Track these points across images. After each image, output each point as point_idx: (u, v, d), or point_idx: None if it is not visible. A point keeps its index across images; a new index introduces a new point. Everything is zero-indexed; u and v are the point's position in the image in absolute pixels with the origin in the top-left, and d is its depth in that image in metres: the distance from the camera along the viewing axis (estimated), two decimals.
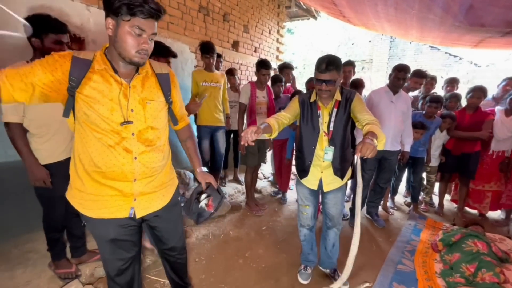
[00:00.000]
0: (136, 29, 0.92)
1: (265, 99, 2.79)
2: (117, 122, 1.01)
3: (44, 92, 0.93)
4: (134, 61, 0.97)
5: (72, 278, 1.74)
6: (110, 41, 0.97)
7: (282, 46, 5.80)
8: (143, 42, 0.95)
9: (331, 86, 1.53)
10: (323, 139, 1.67)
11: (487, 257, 1.97)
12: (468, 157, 2.92)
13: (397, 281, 1.96)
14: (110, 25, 0.93)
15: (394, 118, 2.53)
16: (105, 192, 1.04)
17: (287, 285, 1.90)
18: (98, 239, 1.13)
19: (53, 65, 0.92)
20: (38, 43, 1.45)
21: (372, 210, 2.89)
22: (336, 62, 1.50)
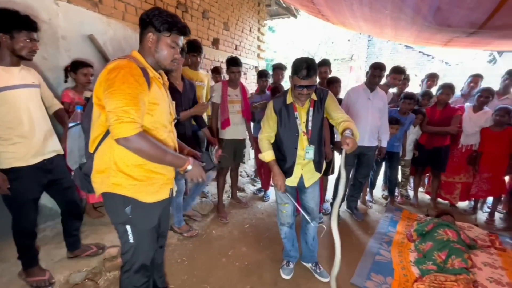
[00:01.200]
0: (173, 43, 1.15)
1: (238, 98, 2.68)
2: (170, 120, 1.26)
3: None
4: (169, 68, 1.21)
5: (45, 286, 1.66)
6: (149, 51, 1.15)
7: (264, 44, 5.81)
8: (176, 53, 1.18)
9: (311, 90, 1.58)
10: (303, 139, 1.72)
11: (456, 245, 2.10)
12: (439, 151, 3.08)
13: (375, 271, 2.04)
14: (151, 39, 1.13)
15: (371, 115, 2.62)
16: (156, 179, 1.20)
17: (270, 281, 1.92)
18: (141, 229, 1.21)
19: (142, 83, 1.06)
20: (6, 40, 1.41)
21: (352, 204, 2.98)
22: (315, 66, 1.53)
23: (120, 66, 1.03)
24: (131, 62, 1.06)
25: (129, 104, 0.99)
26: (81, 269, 1.82)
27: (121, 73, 1.01)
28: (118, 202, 1.15)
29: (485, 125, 2.87)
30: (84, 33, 2.37)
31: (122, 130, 0.98)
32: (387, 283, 1.92)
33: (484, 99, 2.86)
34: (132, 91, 1.01)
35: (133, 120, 0.99)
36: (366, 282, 1.91)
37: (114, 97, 0.99)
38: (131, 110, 0.99)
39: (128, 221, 1.17)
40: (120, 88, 1.00)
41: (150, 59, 1.17)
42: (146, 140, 1.03)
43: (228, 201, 3.13)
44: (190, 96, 2.25)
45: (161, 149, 1.08)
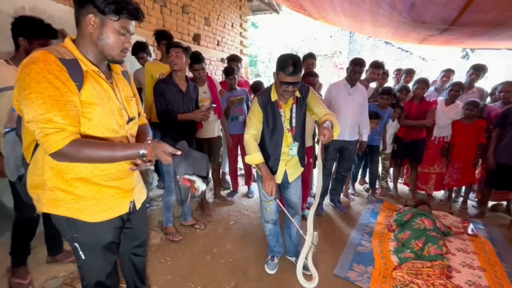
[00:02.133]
0: (122, 29, 0.94)
1: (206, 95, 2.56)
2: (120, 122, 1.04)
3: None
4: (117, 59, 0.99)
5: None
6: (89, 38, 0.93)
7: (246, 40, 5.77)
8: (126, 42, 0.97)
9: (296, 87, 1.57)
10: (287, 135, 1.72)
11: (432, 233, 2.20)
12: (416, 143, 3.21)
13: (356, 261, 2.10)
14: (92, 22, 0.90)
15: (351, 110, 2.67)
16: (107, 193, 1.04)
17: (255, 276, 1.93)
18: (91, 247, 1.06)
19: (64, 80, 0.86)
20: (25, 44, 1.49)
21: (335, 198, 3.04)
22: (300, 63, 1.51)
23: (32, 61, 0.82)
24: (47, 54, 0.84)
25: (50, 110, 0.80)
26: (57, 275, 1.75)
27: (34, 70, 0.80)
28: (61, 221, 0.99)
29: (456, 117, 3.01)
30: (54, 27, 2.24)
31: (50, 144, 0.81)
32: (368, 272, 1.98)
33: (455, 92, 2.99)
34: (52, 93, 0.81)
35: (60, 128, 0.82)
36: (348, 273, 1.97)
37: (30, 103, 0.80)
38: (54, 117, 0.81)
39: (74, 239, 1.03)
40: (37, 91, 0.79)
41: (91, 48, 0.95)
42: (84, 145, 0.86)
43: (213, 200, 3.11)
44: (193, 97, 2.21)
45: (107, 146, 0.91)
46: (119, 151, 0.93)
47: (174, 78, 2.09)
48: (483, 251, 2.28)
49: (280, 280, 1.90)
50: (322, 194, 2.90)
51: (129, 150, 0.95)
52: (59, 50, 0.89)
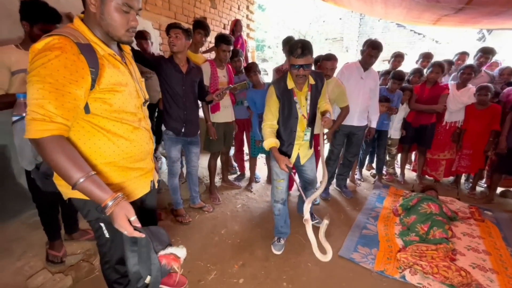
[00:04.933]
0: (124, 6, 0.87)
1: (225, 79, 2.56)
2: (138, 104, 1.03)
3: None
4: (124, 40, 0.94)
5: (57, 262, 1.73)
6: (93, 18, 0.89)
7: (253, 23, 5.64)
8: (132, 20, 0.91)
9: (307, 70, 1.64)
10: (302, 121, 1.82)
11: (438, 217, 2.21)
12: (425, 129, 3.16)
13: (361, 244, 2.14)
14: (93, 1, 0.85)
15: (362, 95, 2.62)
16: (132, 175, 1.06)
17: (262, 256, 2.00)
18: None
19: (76, 70, 0.82)
20: (28, 27, 1.49)
21: (341, 183, 3.06)
22: (309, 46, 1.59)
23: (49, 47, 0.79)
24: (65, 40, 0.81)
25: (46, 96, 0.77)
26: (75, 252, 1.85)
27: (47, 56, 0.78)
28: (89, 205, 0.99)
29: (468, 102, 2.93)
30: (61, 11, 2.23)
31: (31, 129, 0.77)
32: (373, 254, 2.02)
33: (467, 75, 2.89)
34: (55, 80, 0.78)
35: (48, 117, 0.77)
36: (353, 254, 2.01)
37: (31, 86, 0.78)
38: (48, 105, 0.77)
39: (100, 220, 1.02)
40: (41, 75, 0.77)
41: (98, 29, 0.90)
42: (59, 149, 0.79)
43: (220, 184, 3.16)
44: (194, 79, 2.16)
45: (77, 169, 0.80)
46: (81, 187, 0.81)
47: (175, 58, 2.07)
48: (489, 236, 2.29)
49: (286, 260, 1.97)
50: (328, 179, 2.92)
51: (93, 190, 0.82)
52: (74, 34, 0.85)
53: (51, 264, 1.72)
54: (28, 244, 1.85)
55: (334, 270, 1.88)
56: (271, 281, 1.78)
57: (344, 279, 1.80)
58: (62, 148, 0.80)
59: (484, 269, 1.87)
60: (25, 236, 1.90)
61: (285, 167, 1.65)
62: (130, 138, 1.01)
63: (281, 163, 1.66)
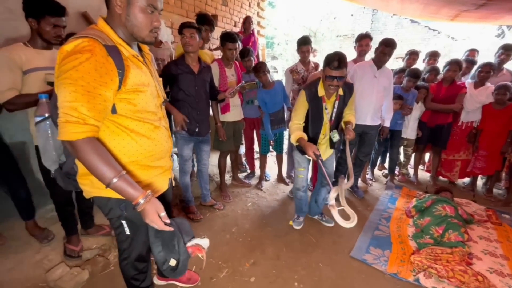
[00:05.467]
0: (149, 7, 0.89)
1: (234, 78, 2.54)
2: (157, 104, 1.06)
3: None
4: (147, 40, 0.95)
5: (74, 256, 1.78)
6: (118, 19, 0.91)
7: (264, 21, 5.61)
8: (155, 20, 0.93)
9: (341, 82, 1.78)
10: (326, 126, 2.01)
11: (453, 220, 2.16)
12: (441, 129, 3.08)
13: (373, 245, 2.12)
14: (119, 2, 0.88)
15: (375, 93, 2.57)
16: (153, 174, 1.08)
17: (272, 255, 2.00)
18: (137, 224, 1.07)
19: (106, 73, 0.84)
20: (35, 24, 1.46)
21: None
22: (345, 59, 1.74)
23: (79, 50, 0.81)
24: (95, 43, 0.83)
25: (79, 99, 0.80)
26: (91, 246, 1.90)
27: (78, 59, 0.80)
28: (112, 203, 1.02)
29: (487, 101, 2.83)
30: (77, 10, 2.28)
31: (67, 132, 0.80)
32: (385, 255, 1.99)
33: (485, 74, 2.79)
34: (86, 83, 0.80)
35: (82, 120, 0.81)
36: (364, 255, 1.99)
37: (63, 88, 0.80)
38: (81, 107, 0.80)
39: (122, 217, 1.05)
40: (73, 78, 0.79)
41: (121, 30, 0.92)
42: (93, 151, 0.83)
43: (231, 182, 3.18)
44: (205, 78, 2.16)
45: (112, 169, 0.85)
46: (114, 185, 0.86)
47: (186, 59, 2.04)
48: (507, 240, 2.22)
49: (297, 260, 1.96)
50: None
51: (125, 191, 0.87)
52: (100, 36, 0.87)
53: (68, 258, 1.77)
54: None
55: (346, 271, 1.86)
56: (282, 280, 1.78)
57: (356, 280, 1.79)
58: (96, 149, 0.83)
59: (502, 275, 1.82)
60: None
61: (313, 154, 1.76)
62: (152, 136, 1.03)
63: (309, 150, 1.76)
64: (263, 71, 2.59)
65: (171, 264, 1.03)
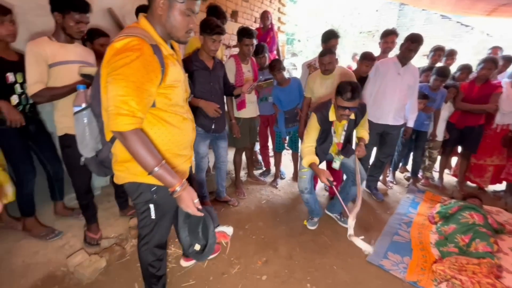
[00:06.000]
0: (187, 11, 0.98)
1: (250, 74, 2.51)
2: (185, 98, 1.16)
3: None
4: (182, 40, 1.05)
5: (93, 243, 1.86)
6: (158, 19, 0.99)
7: (284, 17, 5.52)
8: (192, 22, 1.02)
9: (353, 111, 1.82)
10: (335, 146, 2.09)
11: (482, 228, 2.01)
12: (471, 131, 2.87)
13: (392, 250, 2.02)
14: (161, 4, 0.96)
15: (399, 92, 2.45)
16: (180, 161, 1.16)
17: (285, 254, 1.97)
18: (164, 209, 1.17)
19: (152, 70, 0.93)
20: (60, 19, 1.52)
21: (372, 184, 2.91)
22: (359, 89, 1.74)
23: (129, 48, 0.88)
24: (143, 42, 0.91)
25: (130, 94, 0.88)
26: (109, 235, 1.97)
27: (129, 57, 0.87)
28: (144, 188, 1.10)
29: None
30: (102, 7, 2.35)
31: (119, 123, 0.88)
32: (404, 262, 1.90)
33: None
34: (137, 79, 0.88)
35: (132, 113, 0.89)
36: (382, 261, 1.91)
37: (116, 83, 0.88)
38: (131, 101, 0.88)
39: (151, 201, 1.13)
40: (125, 74, 0.87)
41: (160, 29, 1.00)
42: (141, 141, 0.92)
43: (246, 179, 3.17)
44: (219, 73, 2.15)
45: (154, 158, 0.94)
46: (156, 173, 0.95)
47: (201, 55, 2.02)
48: None
49: (311, 261, 1.92)
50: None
51: (166, 178, 0.97)
52: (146, 36, 0.95)
53: (88, 245, 1.85)
54: (69, 225, 2.01)
55: (362, 276, 1.79)
56: (295, 281, 1.74)
57: (372, 286, 1.72)
58: (142, 140, 0.93)
59: None
60: (66, 217, 2.07)
61: (326, 180, 1.78)
62: (181, 127, 1.12)
63: (322, 176, 1.79)
64: (278, 69, 2.53)
65: (195, 248, 1.15)
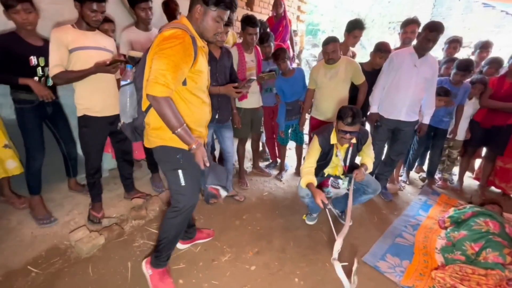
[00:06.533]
0: (218, 18, 1.24)
1: (253, 63, 2.44)
2: (207, 85, 1.41)
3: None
4: (210, 40, 1.33)
5: (95, 221, 1.98)
6: (195, 21, 1.25)
7: (305, 5, 5.32)
8: (220, 28, 1.28)
9: (353, 136, 1.82)
10: (339, 168, 2.11)
11: (496, 237, 1.84)
12: (499, 131, 2.61)
13: (391, 253, 1.92)
14: (198, 10, 1.22)
15: (414, 85, 2.28)
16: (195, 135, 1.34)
17: (278, 247, 1.96)
18: (192, 173, 1.39)
19: (188, 55, 1.18)
20: (78, 8, 1.63)
21: (381, 183, 2.74)
22: (360, 114, 1.75)
23: (175, 36, 1.14)
24: (186, 33, 1.17)
25: (169, 69, 1.12)
26: (111, 215, 2.08)
27: (174, 42, 1.13)
28: (172, 152, 1.33)
29: None
30: None
31: (155, 89, 1.12)
32: (403, 266, 1.80)
33: None
34: (176, 59, 1.13)
35: (166, 84, 1.12)
36: (379, 262, 1.82)
37: (159, 60, 1.12)
38: (168, 75, 1.11)
39: (179, 166, 1.35)
40: (167, 54, 1.12)
41: (195, 28, 1.26)
42: (169, 106, 1.15)
43: (251, 170, 3.16)
44: (226, 64, 2.12)
45: (178, 121, 1.18)
46: (179, 132, 1.20)
47: (208, 45, 2.01)
48: None
49: (303, 256, 1.89)
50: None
51: (185, 138, 1.22)
52: (187, 29, 1.20)
53: (90, 223, 1.96)
54: (76, 203, 2.14)
55: None
56: (283, 274, 1.73)
57: (363, 287, 1.65)
58: (170, 105, 1.16)
59: None
60: (75, 195, 2.22)
61: (320, 202, 1.73)
62: (200, 108, 1.37)
63: (318, 197, 1.75)
64: (282, 58, 2.44)
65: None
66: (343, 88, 2.38)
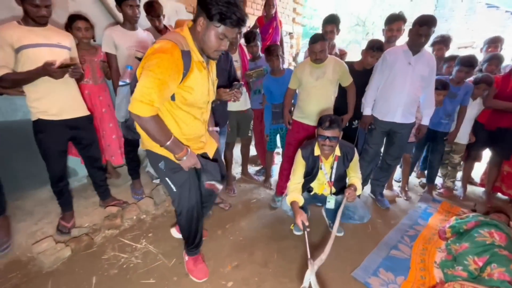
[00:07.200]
0: (221, 35, 1.13)
1: (238, 64, 2.32)
2: (205, 101, 1.34)
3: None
4: (211, 57, 1.23)
5: (64, 232, 1.84)
6: (197, 34, 1.16)
7: (300, 7, 5.22)
8: (223, 45, 1.17)
9: (334, 142, 1.75)
10: (323, 186, 1.98)
11: (503, 251, 1.65)
12: (505, 133, 2.43)
13: (385, 267, 1.74)
14: (201, 23, 1.12)
15: (409, 84, 2.12)
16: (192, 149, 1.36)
17: (260, 260, 1.79)
18: (179, 179, 1.39)
19: (176, 71, 1.12)
20: (19, 3, 1.50)
21: (377, 189, 2.59)
22: (338, 120, 1.75)
23: (163, 50, 1.08)
24: (175, 47, 1.10)
25: (154, 87, 1.07)
26: (83, 225, 1.94)
27: (161, 57, 1.07)
28: (155, 158, 1.34)
29: None
30: None
31: (139, 109, 1.08)
32: (397, 283, 1.62)
33: None
34: (163, 77, 1.07)
35: (151, 102, 1.08)
36: (370, 278, 1.65)
37: (146, 76, 1.08)
38: (153, 94, 1.07)
39: (164, 174, 1.37)
40: (154, 71, 1.07)
41: (197, 42, 1.18)
42: (154, 124, 1.13)
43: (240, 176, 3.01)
44: (225, 67, 1.98)
45: (164, 136, 1.17)
46: (168, 146, 1.20)
47: None
48: None
49: (288, 270, 1.72)
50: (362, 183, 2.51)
51: (175, 149, 1.22)
52: (181, 42, 1.13)
53: (59, 233, 1.84)
54: (47, 212, 2.02)
55: None
56: None
57: None
58: (155, 123, 1.14)
59: None
60: (47, 204, 2.10)
61: (300, 223, 1.65)
62: (190, 125, 1.31)
63: (298, 218, 1.67)
64: (276, 54, 2.30)
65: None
66: (330, 90, 2.21)
